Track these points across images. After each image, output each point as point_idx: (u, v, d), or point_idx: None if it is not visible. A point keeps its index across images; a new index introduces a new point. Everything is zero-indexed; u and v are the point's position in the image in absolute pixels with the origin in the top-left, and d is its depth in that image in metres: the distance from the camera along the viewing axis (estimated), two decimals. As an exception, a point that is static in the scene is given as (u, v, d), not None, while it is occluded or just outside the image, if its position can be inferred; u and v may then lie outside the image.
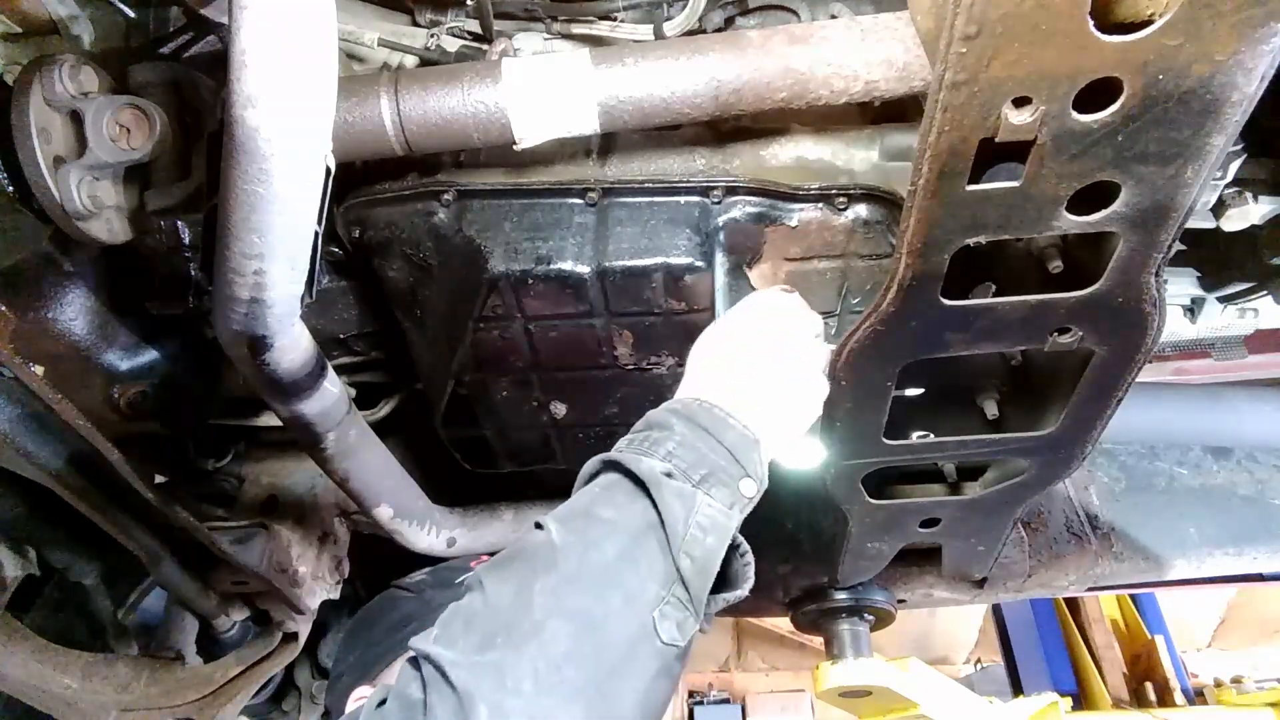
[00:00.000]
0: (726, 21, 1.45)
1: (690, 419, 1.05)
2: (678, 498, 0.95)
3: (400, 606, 1.29)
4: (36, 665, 1.83)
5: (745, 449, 1.04)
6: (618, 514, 0.95)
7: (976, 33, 0.76)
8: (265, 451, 2.12)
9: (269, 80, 0.90)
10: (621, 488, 0.98)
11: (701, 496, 0.97)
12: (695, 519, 0.95)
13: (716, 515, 0.97)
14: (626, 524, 0.94)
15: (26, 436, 1.56)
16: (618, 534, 0.93)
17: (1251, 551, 2.21)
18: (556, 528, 0.94)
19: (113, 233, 1.34)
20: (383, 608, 1.32)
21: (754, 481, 1.04)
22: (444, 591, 1.28)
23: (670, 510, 0.94)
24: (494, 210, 1.42)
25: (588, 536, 0.93)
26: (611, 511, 0.95)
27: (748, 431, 1.06)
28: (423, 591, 1.30)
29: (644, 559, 0.92)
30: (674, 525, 0.93)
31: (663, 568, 0.92)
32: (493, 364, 1.54)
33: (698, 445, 1.02)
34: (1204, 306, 1.80)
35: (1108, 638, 4.41)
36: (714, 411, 1.06)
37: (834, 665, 2.13)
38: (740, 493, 1.02)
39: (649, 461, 0.98)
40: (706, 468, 1.01)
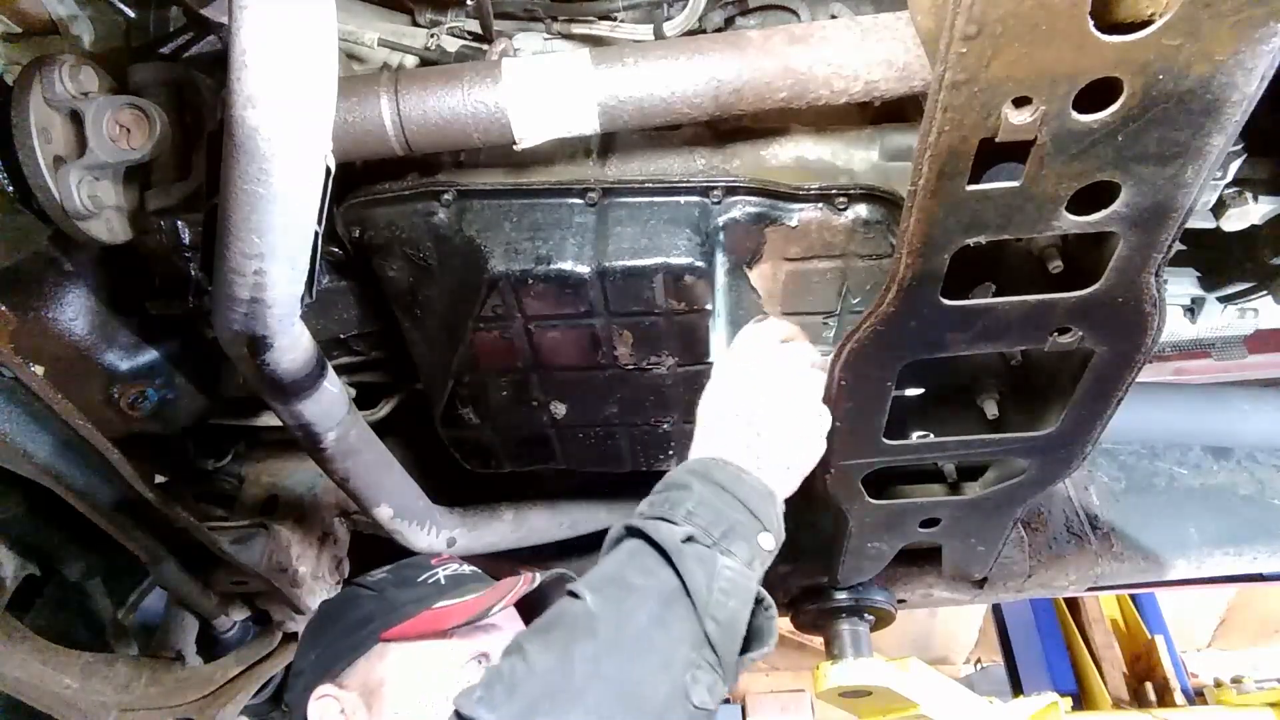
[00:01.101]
0: (726, 21, 1.45)
1: (707, 477, 1.08)
2: (698, 564, 0.99)
3: (361, 605, 1.27)
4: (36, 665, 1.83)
5: (761, 503, 1.08)
6: (646, 580, 0.99)
7: (976, 33, 0.76)
8: (265, 451, 2.13)
9: (269, 80, 0.90)
10: (647, 554, 1.01)
11: (721, 559, 1.01)
12: (717, 584, 0.99)
13: (737, 578, 1.01)
14: (656, 590, 0.98)
15: (27, 437, 1.56)
16: (649, 601, 0.97)
17: (1251, 551, 2.21)
18: (592, 596, 0.98)
19: (113, 233, 1.34)
20: (343, 606, 1.31)
21: (771, 535, 1.08)
22: (405, 590, 1.27)
23: (693, 578, 0.98)
24: (494, 210, 1.42)
25: (622, 604, 0.97)
26: (641, 578, 0.99)
27: (762, 485, 1.10)
28: (384, 590, 1.28)
29: (675, 623, 0.96)
30: (698, 591, 0.97)
31: (692, 632, 0.96)
32: (493, 364, 1.54)
33: (715, 503, 1.06)
34: (1204, 306, 1.80)
35: (1108, 638, 4.41)
36: (728, 468, 1.10)
37: (834, 665, 2.12)
38: (759, 546, 1.06)
39: (669, 528, 1.02)
40: (725, 525, 1.04)
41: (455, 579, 1.31)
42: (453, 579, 1.31)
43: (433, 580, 1.30)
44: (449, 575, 1.32)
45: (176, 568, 1.94)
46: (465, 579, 1.32)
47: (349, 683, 1.20)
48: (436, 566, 1.34)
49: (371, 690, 1.19)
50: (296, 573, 1.97)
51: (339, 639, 1.24)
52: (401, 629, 1.21)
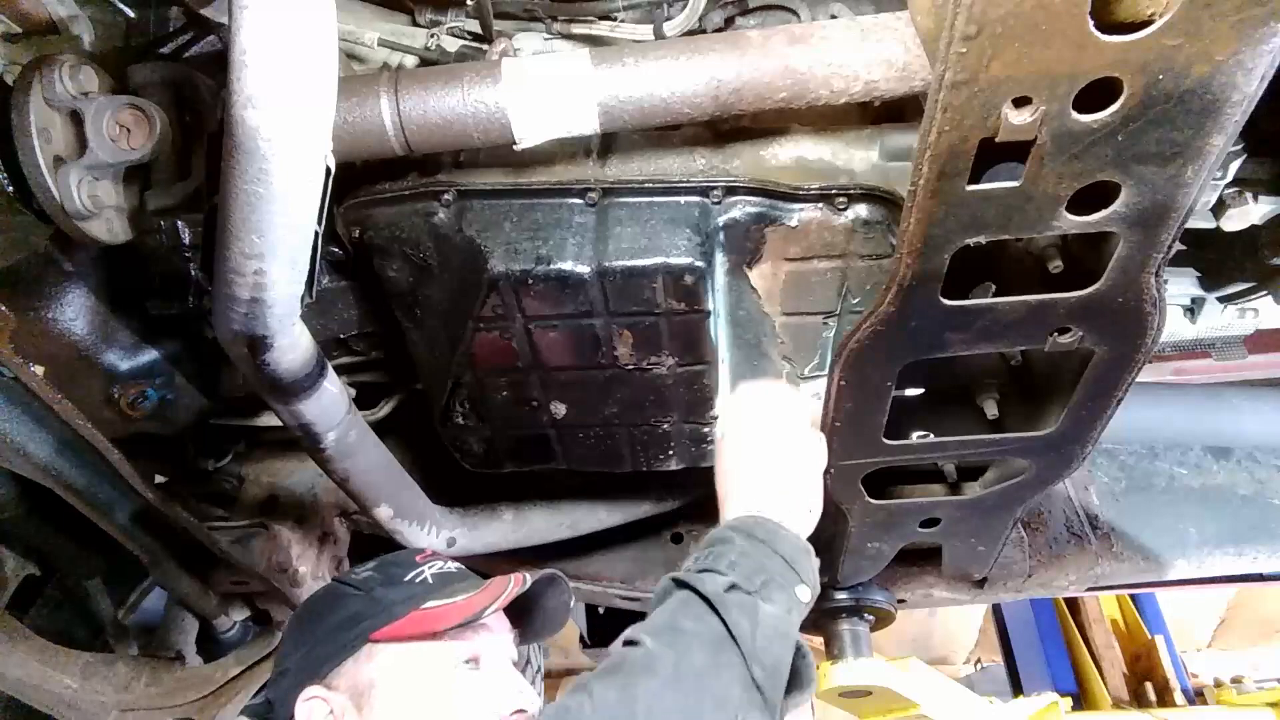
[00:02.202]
0: (726, 21, 1.45)
1: (747, 534, 1.16)
2: (742, 612, 1.05)
3: (347, 604, 1.26)
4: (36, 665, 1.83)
5: (798, 557, 1.16)
6: (696, 626, 1.05)
7: (976, 33, 0.76)
8: (265, 451, 2.12)
9: (269, 80, 0.90)
10: (695, 603, 1.08)
11: (763, 605, 1.08)
12: (761, 631, 1.05)
13: (779, 625, 1.08)
14: (707, 636, 1.04)
15: (27, 437, 1.56)
16: (701, 645, 1.03)
17: (1251, 551, 2.20)
18: (649, 639, 1.04)
19: (113, 233, 1.34)
20: (329, 604, 1.29)
21: (809, 588, 1.15)
22: (393, 589, 1.26)
23: (739, 627, 1.04)
24: (494, 210, 1.42)
25: (677, 646, 1.03)
26: (691, 624, 1.05)
27: (799, 541, 1.19)
28: (371, 589, 1.27)
29: (726, 667, 1.02)
30: (743, 638, 1.04)
31: (741, 676, 1.02)
32: (492, 364, 1.54)
33: (755, 555, 1.13)
34: (1204, 306, 1.80)
35: (1108, 638, 4.40)
36: (767, 524, 1.18)
37: (834, 665, 2.12)
38: (796, 598, 1.13)
39: (713, 579, 1.09)
40: (765, 575, 1.11)
41: (443, 577, 1.30)
42: (440, 577, 1.30)
43: (420, 579, 1.28)
44: (436, 574, 1.30)
45: (176, 568, 1.95)
46: (452, 577, 1.31)
47: (338, 684, 1.19)
48: (422, 564, 1.33)
49: (361, 692, 1.18)
50: (296, 573, 1.97)
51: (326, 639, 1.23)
52: (391, 630, 1.20)
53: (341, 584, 1.32)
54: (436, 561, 1.35)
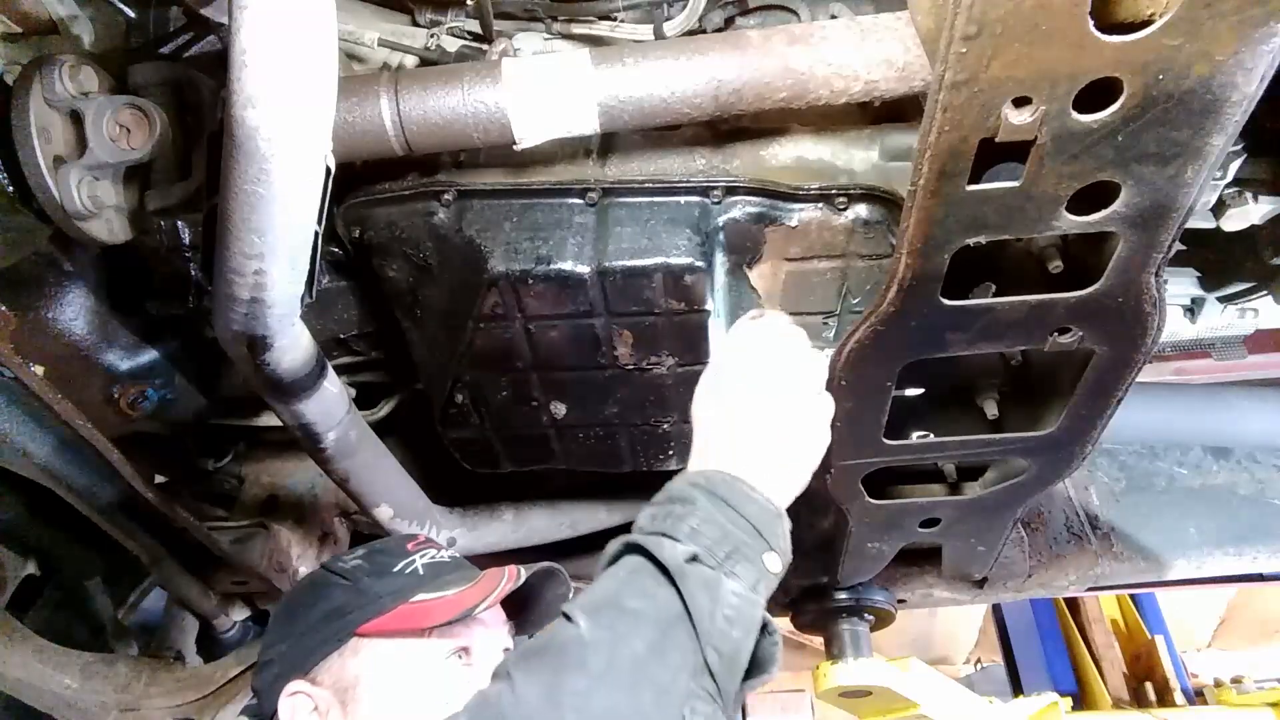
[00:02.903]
0: (726, 21, 1.45)
1: (713, 492, 1.02)
2: (703, 587, 0.93)
3: (334, 595, 1.20)
4: (36, 665, 1.83)
5: (769, 523, 1.02)
6: (644, 604, 0.93)
7: (976, 33, 0.76)
8: (265, 451, 2.12)
9: (269, 80, 0.90)
10: (646, 573, 0.96)
11: (727, 583, 0.95)
12: (722, 611, 0.93)
13: (743, 605, 0.95)
14: (655, 615, 0.92)
15: (27, 437, 1.56)
16: (645, 626, 0.91)
17: (1251, 551, 2.21)
18: (586, 622, 0.92)
19: (113, 233, 1.34)
20: (316, 593, 1.23)
21: (778, 556, 1.02)
22: (381, 581, 1.21)
23: (696, 603, 0.92)
24: (494, 210, 1.42)
25: (616, 630, 0.91)
26: (638, 601, 0.93)
27: (770, 504, 1.04)
28: (358, 580, 1.21)
29: (673, 650, 0.91)
30: (701, 619, 0.92)
31: (692, 660, 0.91)
32: (493, 364, 1.54)
33: (720, 521, 0.99)
34: (1204, 306, 1.80)
35: (1108, 638, 4.40)
36: (736, 485, 1.03)
37: (834, 665, 2.13)
38: (765, 568, 1.00)
39: (672, 547, 0.96)
40: (730, 545, 0.98)
41: (434, 568, 1.24)
42: (431, 568, 1.24)
43: (410, 570, 1.23)
44: (427, 564, 1.25)
45: (176, 568, 1.95)
46: (444, 568, 1.26)
47: (322, 679, 1.16)
48: (413, 552, 1.27)
49: (346, 688, 1.14)
50: (296, 573, 1.97)
51: (311, 631, 1.18)
52: (378, 624, 1.15)
53: (329, 572, 1.25)
54: (429, 550, 1.29)
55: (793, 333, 1.17)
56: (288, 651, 1.19)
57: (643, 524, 1.03)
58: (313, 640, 1.18)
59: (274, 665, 1.19)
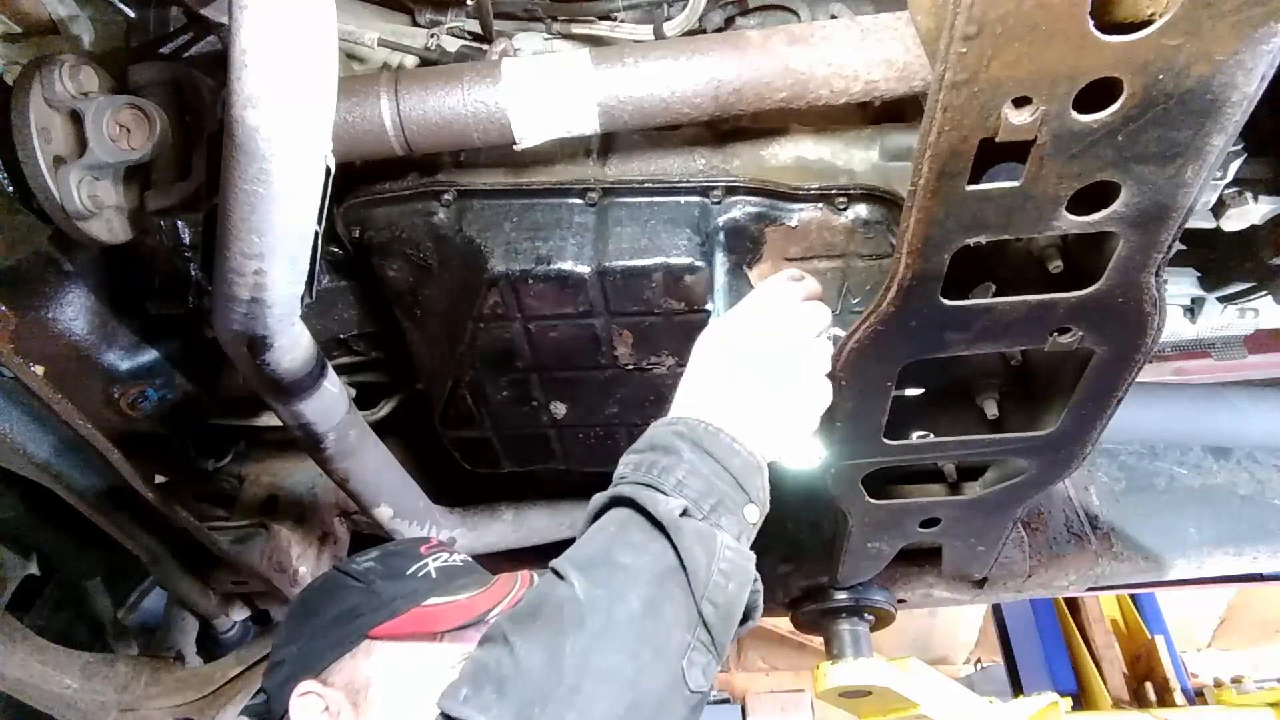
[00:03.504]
0: (726, 21, 1.45)
1: (697, 444, 1.02)
2: (698, 541, 0.94)
3: (347, 597, 1.21)
4: (36, 665, 1.84)
5: (750, 475, 1.03)
6: (636, 559, 0.93)
7: (976, 33, 0.76)
8: (265, 451, 2.12)
9: (269, 80, 0.90)
10: (636, 525, 0.96)
11: (720, 536, 0.96)
12: (718, 565, 0.94)
13: (736, 559, 0.96)
14: (647, 570, 0.92)
15: (27, 437, 1.56)
16: (639, 582, 0.91)
17: (1251, 551, 2.21)
18: (579, 579, 0.92)
19: (113, 233, 1.34)
20: (329, 595, 1.24)
21: (757, 507, 1.03)
22: (394, 583, 1.21)
23: (692, 556, 0.93)
24: (494, 210, 1.42)
25: (611, 587, 0.91)
26: (630, 556, 0.94)
27: (752, 457, 1.04)
28: (371, 582, 1.21)
29: (669, 606, 0.91)
30: (696, 572, 0.92)
31: (687, 614, 0.92)
32: (493, 364, 1.54)
33: (705, 473, 1.00)
34: (1204, 306, 1.80)
35: (1108, 638, 4.40)
36: (720, 436, 1.03)
37: (834, 665, 2.12)
38: (745, 519, 1.01)
39: (665, 501, 0.96)
40: (716, 496, 0.99)
41: (447, 572, 1.25)
42: (444, 572, 1.25)
43: (423, 573, 1.23)
44: (440, 567, 1.25)
45: (176, 568, 1.95)
46: (457, 572, 1.26)
47: (334, 680, 1.16)
48: (426, 555, 1.27)
49: (357, 690, 1.15)
50: (296, 573, 1.97)
51: (323, 632, 1.19)
52: (390, 627, 1.16)
53: (342, 573, 1.26)
54: (442, 553, 1.29)
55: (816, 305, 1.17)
56: (299, 652, 1.20)
57: (625, 473, 1.02)
58: (325, 641, 1.18)
59: (285, 666, 1.20)
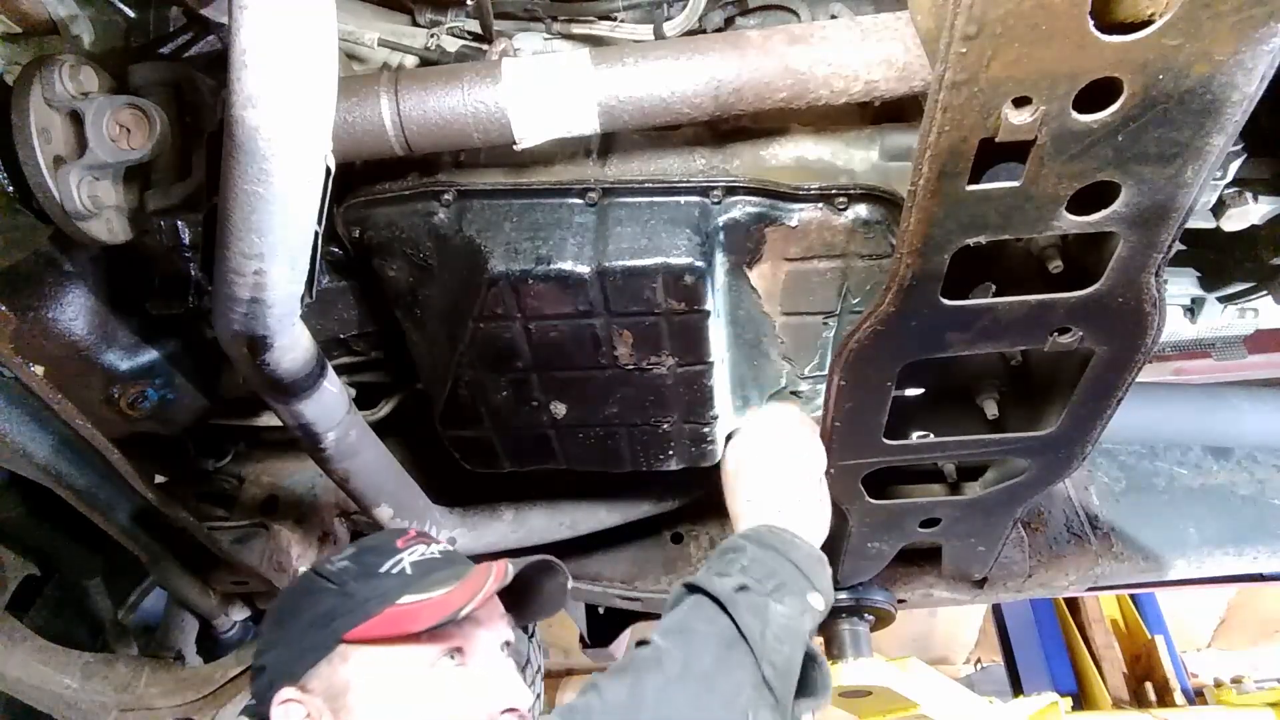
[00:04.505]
0: (726, 21, 1.45)
1: (760, 542, 1.20)
2: (751, 612, 1.09)
3: (321, 600, 1.20)
4: (36, 665, 1.84)
5: (812, 565, 1.19)
6: (707, 627, 1.08)
7: (976, 33, 0.76)
8: (265, 451, 2.13)
9: (269, 80, 0.90)
10: (706, 606, 1.11)
11: (774, 605, 1.10)
12: (771, 630, 1.08)
13: (789, 624, 1.10)
14: (717, 636, 1.07)
15: (27, 437, 1.56)
16: (710, 644, 1.06)
17: (1251, 551, 2.21)
18: (660, 640, 1.07)
19: (113, 233, 1.34)
20: (304, 598, 1.22)
21: (822, 596, 1.18)
22: (367, 583, 1.20)
23: (748, 626, 1.07)
24: (494, 210, 1.42)
25: (688, 646, 1.06)
26: (703, 625, 1.09)
27: (814, 550, 1.22)
28: (344, 584, 1.20)
29: (736, 666, 1.05)
30: (753, 637, 1.06)
31: (752, 675, 1.05)
32: (493, 364, 1.54)
33: (767, 561, 1.17)
34: (1204, 306, 1.80)
35: (1108, 638, 4.41)
36: (782, 534, 1.22)
37: (834, 665, 2.12)
38: (809, 604, 1.16)
39: (722, 581, 1.12)
40: (777, 580, 1.14)
41: (422, 566, 1.23)
42: (419, 566, 1.22)
43: (397, 569, 1.21)
44: (415, 562, 1.23)
45: (176, 568, 1.95)
46: (434, 565, 1.24)
47: (313, 686, 1.15)
48: (402, 550, 1.25)
49: (336, 695, 1.14)
50: (296, 573, 1.97)
51: (299, 638, 1.17)
52: (364, 630, 1.14)
53: (316, 575, 1.24)
54: (419, 545, 1.27)
55: (808, 423, 1.39)
56: (277, 659, 1.19)
57: (699, 573, 1.19)
58: (301, 647, 1.18)
59: (267, 672, 1.19)
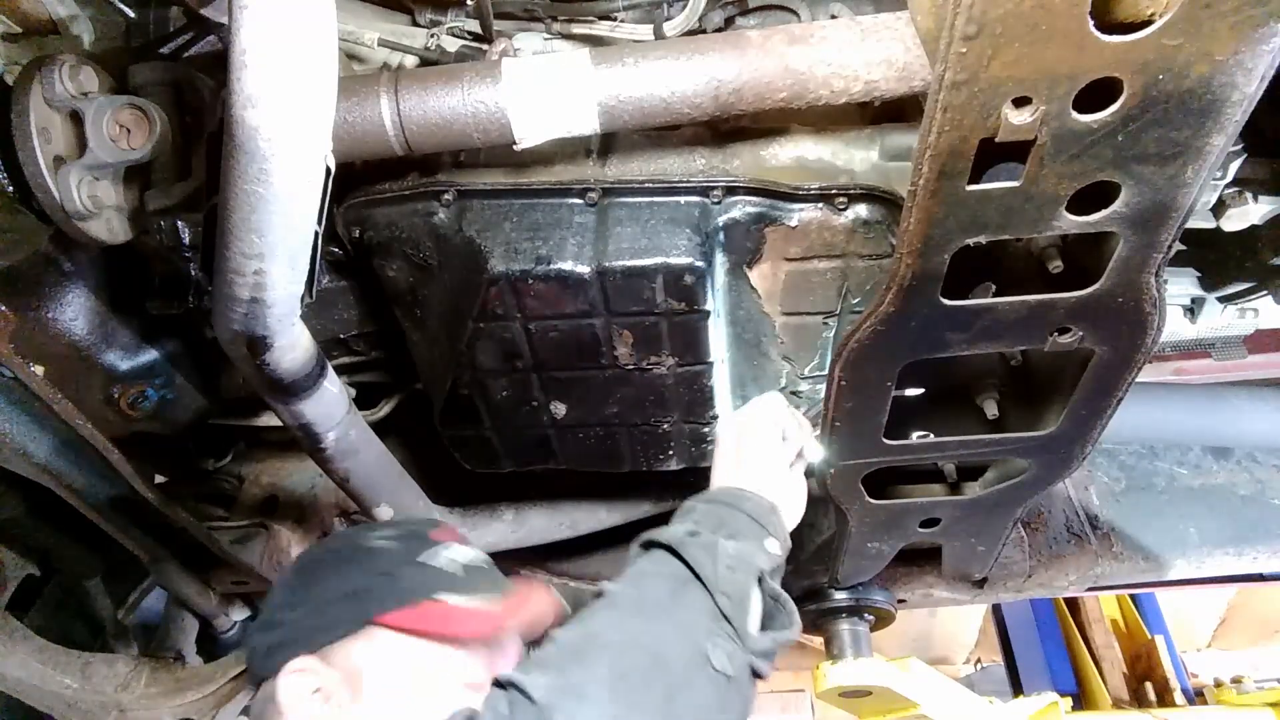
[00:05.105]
0: (726, 21, 1.45)
1: (710, 500, 1.21)
2: (702, 550, 1.09)
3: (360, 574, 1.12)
4: (36, 665, 1.83)
5: (763, 513, 1.18)
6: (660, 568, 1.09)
7: (976, 33, 0.76)
8: (265, 451, 2.13)
9: (269, 80, 0.90)
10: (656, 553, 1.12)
11: (723, 543, 1.10)
12: (723, 562, 1.08)
13: (741, 553, 1.10)
14: (669, 575, 1.08)
15: (27, 437, 1.56)
16: (664, 581, 1.07)
17: (1251, 551, 2.20)
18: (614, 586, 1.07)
19: (113, 233, 1.34)
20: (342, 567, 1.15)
21: (777, 540, 1.17)
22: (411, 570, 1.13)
23: (699, 562, 1.07)
24: (494, 210, 1.42)
25: (640, 586, 1.07)
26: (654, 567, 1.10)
27: (765, 500, 1.21)
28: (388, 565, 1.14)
29: (690, 599, 1.05)
30: (705, 572, 1.06)
31: (707, 606, 1.04)
32: (493, 364, 1.54)
33: (718, 513, 1.17)
34: (1204, 306, 1.80)
35: (1108, 638, 4.40)
36: (730, 490, 1.22)
37: (834, 665, 2.12)
38: (764, 547, 1.15)
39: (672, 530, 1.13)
40: (729, 528, 1.14)
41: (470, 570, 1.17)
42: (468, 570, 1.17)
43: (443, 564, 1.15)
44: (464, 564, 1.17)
45: (176, 568, 1.95)
46: (478, 573, 1.18)
47: (334, 660, 1.06)
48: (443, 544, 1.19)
49: (354, 675, 1.06)
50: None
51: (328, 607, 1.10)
52: (401, 617, 1.08)
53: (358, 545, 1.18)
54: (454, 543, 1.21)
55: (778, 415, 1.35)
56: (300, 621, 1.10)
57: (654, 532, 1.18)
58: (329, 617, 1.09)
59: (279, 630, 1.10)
